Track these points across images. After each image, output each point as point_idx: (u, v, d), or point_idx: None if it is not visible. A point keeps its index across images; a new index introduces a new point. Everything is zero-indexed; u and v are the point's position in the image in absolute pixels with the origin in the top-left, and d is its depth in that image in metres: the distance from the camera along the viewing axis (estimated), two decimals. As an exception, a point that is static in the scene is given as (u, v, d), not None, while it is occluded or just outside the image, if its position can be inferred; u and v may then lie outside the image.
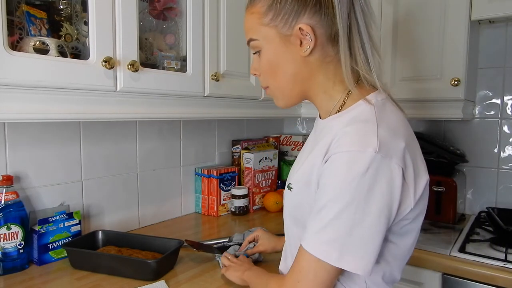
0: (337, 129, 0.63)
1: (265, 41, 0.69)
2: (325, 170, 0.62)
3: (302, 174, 0.69)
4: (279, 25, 0.67)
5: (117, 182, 1.33)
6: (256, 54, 0.73)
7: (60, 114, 0.86)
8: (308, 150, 0.74)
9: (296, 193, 0.70)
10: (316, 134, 0.74)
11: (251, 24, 0.70)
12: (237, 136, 1.84)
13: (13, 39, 0.84)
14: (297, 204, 0.71)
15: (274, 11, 0.67)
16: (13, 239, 1.00)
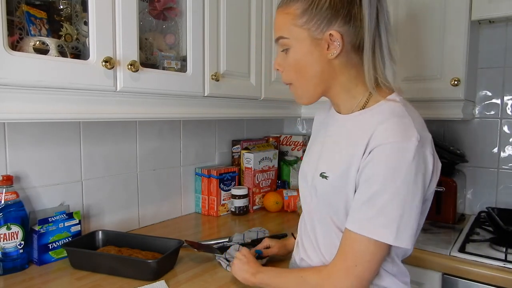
0: (373, 123, 0.71)
1: (296, 41, 0.76)
2: (371, 160, 0.68)
3: (339, 164, 0.75)
4: (311, 28, 0.74)
5: (117, 182, 1.33)
6: (283, 52, 0.79)
7: (60, 114, 0.86)
8: (333, 141, 0.80)
9: (333, 181, 0.75)
10: (340, 127, 0.80)
11: (284, 23, 0.76)
12: (237, 136, 1.84)
13: (13, 39, 0.84)
14: (334, 191, 0.75)
15: (308, 15, 0.74)
16: (13, 239, 1.00)
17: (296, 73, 0.78)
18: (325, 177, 0.77)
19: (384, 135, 0.68)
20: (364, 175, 0.70)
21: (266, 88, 1.45)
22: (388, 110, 0.73)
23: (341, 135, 0.79)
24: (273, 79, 1.50)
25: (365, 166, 0.69)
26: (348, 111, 0.80)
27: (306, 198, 0.86)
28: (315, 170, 0.81)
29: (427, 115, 1.44)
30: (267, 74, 1.45)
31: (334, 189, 0.75)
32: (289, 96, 1.60)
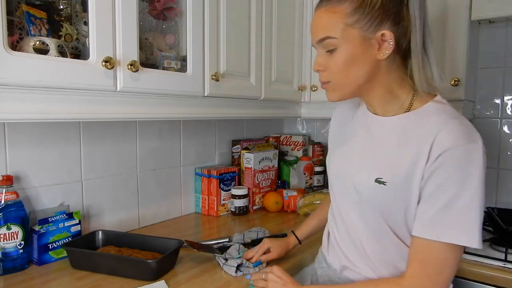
0: (432, 126, 0.70)
1: (345, 40, 0.73)
2: (442, 165, 0.67)
3: (398, 169, 0.72)
4: (363, 27, 0.72)
5: (117, 182, 1.33)
6: (326, 53, 0.76)
7: (60, 114, 0.86)
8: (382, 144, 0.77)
9: (392, 187, 0.73)
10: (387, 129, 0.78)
11: (331, 23, 0.74)
12: (237, 136, 1.84)
13: (13, 39, 0.84)
14: (394, 197, 0.73)
15: (360, 14, 0.72)
16: (13, 239, 1.00)
17: (341, 73, 0.76)
18: (383, 183, 0.74)
19: (450, 138, 0.67)
20: (435, 181, 0.68)
21: (266, 88, 1.45)
22: (442, 111, 0.73)
23: (391, 138, 0.77)
24: (273, 79, 1.50)
25: (434, 171, 0.68)
26: (389, 113, 0.80)
27: (348, 203, 0.83)
28: (366, 174, 0.77)
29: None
30: (267, 74, 1.45)
31: (393, 195, 0.73)
32: (289, 96, 1.60)
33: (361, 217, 0.80)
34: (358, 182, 0.79)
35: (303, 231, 1.12)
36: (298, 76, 1.64)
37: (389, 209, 0.75)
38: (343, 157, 0.87)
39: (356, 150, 0.84)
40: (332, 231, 0.92)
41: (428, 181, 0.69)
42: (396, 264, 0.77)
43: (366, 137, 0.83)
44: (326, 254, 0.94)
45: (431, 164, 0.68)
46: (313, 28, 0.78)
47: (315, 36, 0.77)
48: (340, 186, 0.86)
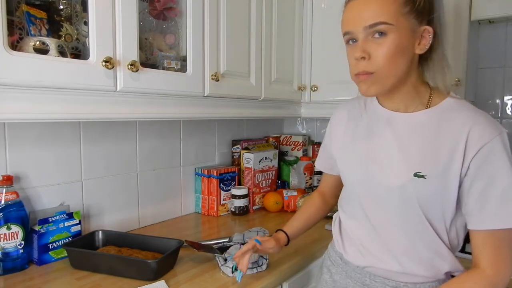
0: (462, 120, 0.74)
1: (398, 28, 0.73)
2: (485, 158, 0.72)
3: (435, 163, 0.75)
4: (413, 20, 0.74)
5: (117, 182, 1.33)
6: (373, 39, 0.75)
7: (60, 114, 0.86)
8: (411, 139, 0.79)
9: (432, 180, 0.75)
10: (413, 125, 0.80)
11: (389, 9, 0.73)
12: (237, 136, 1.84)
13: (13, 39, 0.84)
14: (433, 189, 0.76)
15: (411, 6, 0.74)
16: (13, 239, 1.00)
17: (388, 62, 0.74)
18: (422, 176, 0.76)
19: (487, 131, 0.72)
20: (485, 175, 0.72)
21: (266, 88, 1.45)
22: (465, 107, 0.77)
23: (420, 133, 0.79)
24: (273, 79, 1.50)
25: (480, 166, 0.72)
26: (410, 109, 0.81)
27: (378, 204, 0.83)
28: (403, 170, 0.78)
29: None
30: (267, 74, 1.45)
31: (433, 188, 0.76)
32: (289, 96, 1.61)
33: (394, 215, 0.81)
34: (393, 180, 0.79)
35: (293, 228, 1.07)
36: (298, 76, 1.64)
37: (429, 203, 0.76)
38: (366, 158, 0.85)
39: (382, 149, 0.83)
40: (350, 230, 0.91)
41: (476, 175, 0.73)
42: (429, 257, 0.80)
43: (390, 135, 0.82)
44: (342, 252, 0.93)
45: (473, 158, 0.72)
46: (362, 12, 0.75)
47: (366, 20, 0.74)
48: (365, 188, 0.85)
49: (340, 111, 0.99)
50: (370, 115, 0.88)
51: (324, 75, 1.62)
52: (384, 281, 0.84)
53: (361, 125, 0.90)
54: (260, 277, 1.02)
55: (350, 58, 0.79)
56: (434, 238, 0.78)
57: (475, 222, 0.75)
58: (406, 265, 0.81)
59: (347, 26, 0.78)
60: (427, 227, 0.78)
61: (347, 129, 0.93)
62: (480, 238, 0.75)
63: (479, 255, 0.75)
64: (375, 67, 0.75)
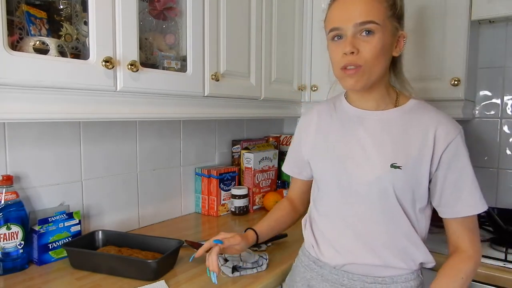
0: (429, 118, 0.83)
1: (383, 29, 0.80)
2: (455, 152, 0.81)
3: (408, 155, 0.82)
4: (394, 23, 0.82)
5: (117, 182, 1.33)
6: (361, 37, 0.80)
7: (60, 114, 0.86)
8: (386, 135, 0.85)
9: (407, 170, 0.81)
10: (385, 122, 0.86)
11: (378, 10, 0.80)
12: (237, 136, 1.84)
13: (13, 39, 0.84)
14: (409, 178, 0.82)
15: (393, 11, 0.82)
16: (13, 239, 1.00)
17: (374, 59, 0.80)
18: (398, 167, 0.81)
19: (452, 128, 0.82)
20: (455, 167, 0.81)
21: (266, 88, 1.45)
22: (429, 107, 0.87)
23: (392, 129, 0.85)
24: (273, 79, 1.50)
25: (451, 159, 0.81)
26: (381, 107, 0.88)
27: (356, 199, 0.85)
28: (380, 163, 0.82)
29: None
30: (267, 74, 1.45)
31: (408, 177, 0.81)
32: (289, 96, 1.60)
33: (373, 208, 0.84)
34: (371, 173, 0.83)
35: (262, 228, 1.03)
36: (298, 76, 1.64)
37: (404, 192, 0.82)
38: (342, 156, 0.88)
39: (357, 146, 0.87)
40: (326, 230, 0.92)
41: (448, 169, 0.81)
42: (404, 248, 0.84)
43: (363, 132, 0.87)
44: (319, 255, 0.92)
45: (443, 153, 0.81)
46: (353, 10, 0.79)
47: (356, 17, 0.79)
48: (343, 185, 0.87)
49: (308, 115, 1.02)
50: (341, 116, 0.93)
51: (324, 75, 1.62)
52: (363, 278, 0.86)
53: (333, 125, 0.93)
54: (260, 277, 1.02)
55: (334, 53, 0.83)
56: (409, 228, 0.84)
57: (451, 212, 0.83)
58: (385, 257, 0.84)
59: (336, 22, 0.82)
60: (403, 217, 0.83)
61: (318, 131, 0.96)
62: (457, 225, 0.84)
63: (458, 240, 0.84)
64: (363, 61, 0.80)
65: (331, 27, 0.82)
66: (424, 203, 0.85)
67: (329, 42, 0.85)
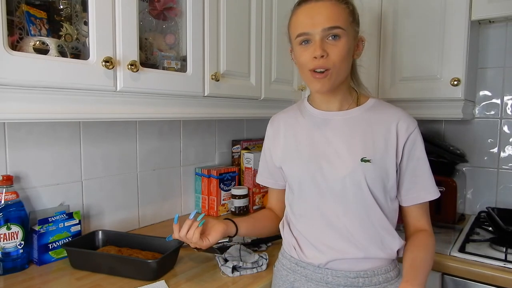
0: (390, 114, 0.90)
1: (347, 33, 0.85)
2: (414, 143, 0.89)
3: (375, 148, 0.87)
4: (355, 28, 0.89)
5: (117, 182, 1.33)
6: (329, 41, 0.84)
7: (60, 114, 0.86)
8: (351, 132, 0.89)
9: (376, 162, 0.86)
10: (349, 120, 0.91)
11: (342, 16, 0.85)
12: (237, 136, 1.84)
13: (13, 39, 0.84)
14: (379, 170, 0.86)
15: (353, 17, 0.88)
16: (13, 239, 1.00)
17: (341, 62, 0.85)
18: (368, 160, 0.86)
19: (410, 121, 0.89)
20: (413, 157, 0.89)
21: (266, 88, 1.45)
22: (387, 105, 0.94)
23: (357, 127, 0.90)
24: (273, 79, 1.50)
25: (410, 150, 0.89)
26: (344, 107, 0.93)
27: (330, 196, 0.88)
28: (350, 158, 0.86)
29: (427, 115, 1.44)
30: (267, 74, 1.45)
31: (378, 169, 0.86)
32: (289, 96, 1.60)
33: (349, 203, 0.87)
34: (343, 169, 0.86)
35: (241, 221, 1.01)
36: (298, 76, 1.64)
37: (376, 184, 0.86)
38: (313, 158, 0.90)
39: (326, 146, 0.90)
40: (306, 232, 0.92)
41: (408, 158, 0.89)
42: (382, 238, 0.88)
43: (331, 132, 0.91)
44: (301, 256, 0.92)
45: (404, 145, 0.88)
46: (322, 16, 0.83)
47: (323, 23, 0.83)
48: (317, 185, 0.89)
49: (275, 123, 1.03)
50: (308, 119, 0.95)
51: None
52: (346, 273, 0.87)
53: (301, 129, 0.96)
54: (260, 277, 1.02)
55: (303, 57, 0.86)
56: (384, 219, 0.88)
57: (413, 198, 0.91)
58: (366, 249, 0.87)
59: (304, 27, 0.85)
60: (377, 208, 0.87)
61: (286, 137, 0.98)
62: (417, 210, 0.93)
63: (418, 223, 0.93)
64: (331, 64, 0.84)
65: (299, 32, 0.85)
66: (394, 195, 0.91)
67: (296, 46, 0.88)
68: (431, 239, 0.91)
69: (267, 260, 1.07)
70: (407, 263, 0.85)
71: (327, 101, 0.93)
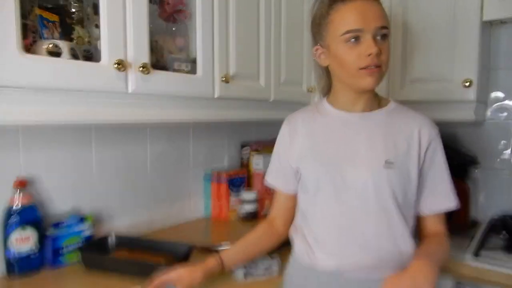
0: (412, 118, 0.90)
1: (389, 35, 0.86)
2: (435, 149, 0.89)
3: (398, 151, 0.86)
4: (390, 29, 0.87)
5: (128, 186, 1.33)
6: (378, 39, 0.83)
7: (72, 116, 0.86)
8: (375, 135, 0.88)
9: (399, 166, 0.85)
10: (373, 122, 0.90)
11: (387, 17, 0.86)
12: (246, 138, 1.84)
13: (27, 42, 0.84)
14: (401, 176, 0.85)
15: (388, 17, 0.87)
16: (27, 242, 1.00)
17: (387, 61, 0.86)
18: (392, 163, 0.85)
19: (432, 127, 0.89)
20: (436, 163, 0.89)
21: (275, 90, 1.45)
22: (406, 108, 0.93)
23: (380, 129, 0.89)
24: (283, 80, 1.49)
25: (432, 156, 0.88)
26: (367, 109, 0.91)
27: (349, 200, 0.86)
28: (375, 160, 0.85)
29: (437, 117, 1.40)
30: (276, 75, 1.45)
31: (400, 173, 0.85)
32: (298, 98, 1.60)
33: (369, 207, 0.85)
34: (366, 171, 0.85)
35: (228, 252, 0.99)
36: (308, 78, 1.64)
37: (399, 188, 0.85)
38: (334, 158, 0.88)
39: (349, 147, 0.88)
40: (321, 236, 0.90)
41: (431, 164, 0.88)
42: (398, 245, 0.86)
43: (353, 133, 0.89)
44: (314, 262, 0.90)
45: (427, 150, 0.87)
46: (374, 15, 0.83)
47: (376, 21, 0.82)
48: (338, 187, 0.87)
49: (291, 124, 1.00)
50: (328, 120, 0.93)
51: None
52: (360, 281, 0.85)
53: (320, 130, 0.94)
54: (272, 282, 1.01)
55: (350, 55, 0.83)
56: (403, 227, 0.86)
57: (430, 206, 0.90)
58: (382, 258, 0.85)
59: (355, 24, 0.82)
60: (398, 214, 0.85)
61: (304, 138, 0.94)
62: (434, 217, 0.92)
63: (436, 227, 0.92)
64: (382, 62, 0.84)
65: (349, 29, 0.82)
66: (414, 200, 0.89)
67: (340, 44, 0.84)
68: (446, 240, 0.91)
69: (279, 264, 1.06)
70: (419, 250, 0.85)
71: (353, 102, 0.91)
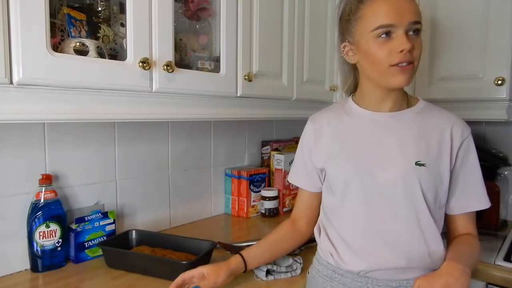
0: (444, 118, 0.87)
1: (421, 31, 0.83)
2: (467, 150, 0.86)
3: (429, 152, 0.84)
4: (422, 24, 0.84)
5: (150, 182, 1.35)
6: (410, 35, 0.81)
7: (98, 114, 0.87)
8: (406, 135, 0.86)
9: (430, 167, 0.83)
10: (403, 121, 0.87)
11: (420, 12, 0.82)
12: (267, 137, 1.83)
13: (55, 41, 0.86)
14: (432, 177, 0.83)
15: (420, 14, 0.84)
16: (51, 237, 1.02)
17: (419, 57, 0.83)
18: (422, 164, 0.82)
19: (465, 127, 0.86)
20: (468, 164, 0.86)
21: (298, 88, 1.43)
22: (437, 107, 0.90)
23: (410, 129, 0.86)
24: (305, 79, 1.47)
25: (464, 156, 0.86)
26: (394, 109, 0.88)
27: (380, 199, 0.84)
28: (405, 161, 0.82)
29: (468, 116, 1.37)
30: (299, 74, 1.43)
31: (432, 175, 0.82)
32: (320, 97, 1.57)
33: (398, 208, 0.83)
34: (396, 172, 0.82)
35: (250, 252, 0.97)
36: (330, 76, 1.61)
37: (429, 189, 0.82)
38: (363, 157, 0.86)
39: (377, 147, 0.86)
40: (348, 237, 0.87)
41: (462, 165, 0.86)
42: (428, 246, 0.83)
43: (382, 132, 0.87)
44: (339, 263, 0.88)
45: (458, 151, 0.85)
46: (407, 9, 0.79)
47: (410, 16, 0.79)
48: (366, 187, 0.84)
49: (316, 123, 0.96)
50: (355, 120, 0.91)
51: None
52: (388, 282, 0.84)
53: (347, 129, 0.91)
54: (294, 281, 1.00)
55: (382, 51, 0.80)
56: (433, 227, 0.84)
57: (461, 207, 0.88)
58: (410, 259, 0.83)
59: (387, 19, 0.79)
60: (428, 215, 0.83)
61: (330, 138, 0.92)
62: (464, 218, 0.89)
63: (467, 228, 0.89)
64: (414, 59, 0.81)
65: (381, 24, 0.79)
66: (444, 201, 0.87)
67: (371, 39, 0.80)
68: (477, 242, 0.88)
69: (302, 264, 1.05)
70: (451, 251, 0.83)
71: (381, 101, 0.88)
